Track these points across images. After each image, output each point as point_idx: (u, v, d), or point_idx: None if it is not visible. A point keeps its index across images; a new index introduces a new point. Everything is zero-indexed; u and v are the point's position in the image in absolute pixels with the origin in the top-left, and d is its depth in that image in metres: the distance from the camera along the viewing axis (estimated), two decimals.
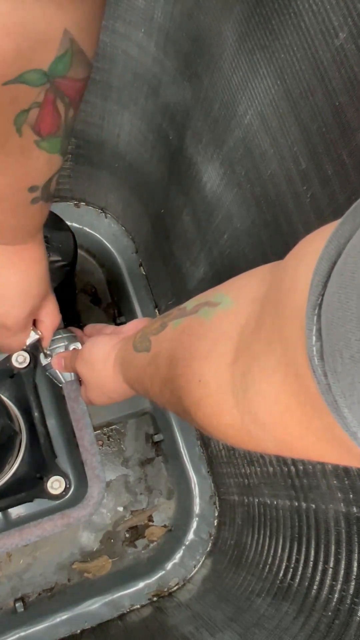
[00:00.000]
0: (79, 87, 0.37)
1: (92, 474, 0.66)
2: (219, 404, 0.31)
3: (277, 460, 0.69)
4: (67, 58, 0.34)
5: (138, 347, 0.47)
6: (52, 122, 0.37)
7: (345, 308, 0.18)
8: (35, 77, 0.33)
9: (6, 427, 0.64)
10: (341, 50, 0.35)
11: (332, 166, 0.40)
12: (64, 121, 0.38)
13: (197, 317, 0.36)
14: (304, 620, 0.59)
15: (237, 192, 0.57)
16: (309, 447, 0.25)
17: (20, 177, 0.41)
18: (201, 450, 0.92)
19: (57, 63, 0.33)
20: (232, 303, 0.33)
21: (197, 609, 0.78)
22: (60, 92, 0.36)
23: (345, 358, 0.18)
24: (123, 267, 0.98)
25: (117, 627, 0.82)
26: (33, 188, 0.43)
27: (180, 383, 0.35)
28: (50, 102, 0.36)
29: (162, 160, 0.73)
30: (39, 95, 0.35)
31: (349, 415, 0.19)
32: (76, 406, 0.68)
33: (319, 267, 0.21)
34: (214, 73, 0.52)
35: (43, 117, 0.36)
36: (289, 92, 0.42)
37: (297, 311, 0.22)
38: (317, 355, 0.20)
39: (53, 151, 0.40)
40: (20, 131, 0.36)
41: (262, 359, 0.26)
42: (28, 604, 0.85)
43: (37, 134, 0.38)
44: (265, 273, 0.32)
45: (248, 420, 0.28)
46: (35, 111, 0.36)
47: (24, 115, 0.35)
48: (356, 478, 0.53)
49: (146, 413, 0.93)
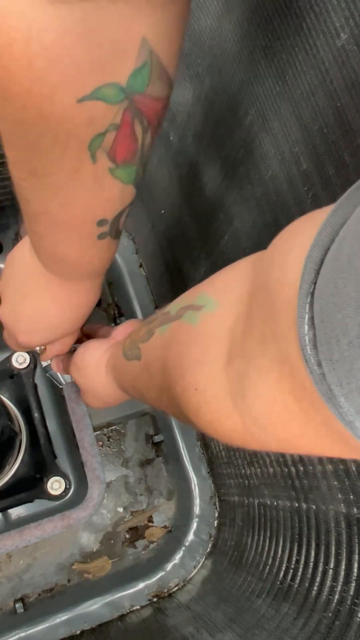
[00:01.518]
0: (158, 108, 0.32)
1: (92, 475, 0.66)
2: (219, 410, 0.30)
3: (277, 461, 0.69)
4: (146, 71, 0.30)
5: (128, 355, 0.46)
6: (129, 148, 0.33)
7: (342, 293, 0.18)
8: (113, 92, 0.29)
9: (6, 428, 0.64)
10: (343, 51, 0.35)
11: (334, 167, 0.40)
12: (141, 147, 0.34)
13: (183, 322, 0.35)
14: (304, 621, 0.59)
15: (237, 192, 0.57)
16: (311, 443, 0.25)
17: (90, 208, 0.37)
18: (201, 451, 0.92)
19: (136, 76, 0.29)
20: (216, 305, 0.32)
21: (197, 609, 0.78)
22: (139, 112, 0.31)
23: (343, 345, 0.18)
24: (123, 268, 0.98)
25: (117, 628, 0.82)
26: (102, 222, 0.39)
27: (176, 392, 0.34)
28: (128, 123, 0.31)
29: (162, 161, 0.73)
30: (116, 116, 0.30)
31: (346, 404, 0.18)
32: (76, 407, 0.68)
33: (312, 254, 0.20)
34: (215, 74, 0.52)
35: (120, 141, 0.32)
36: (290, 93, 0.42)
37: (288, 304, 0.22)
38: (310, 344, 0.19)
39: (127, 181, 0.36)
40: (94, 157, 0.32)
41: (256, 360, 0.26)
42: (28, 604, 0.85)
43: (112, 161, 0.33)
44: (247, 268, 0.31)
45: (249, 423, 0.28)
46: (112, 134, 0.31)
47: (100, 139, 0.31)
48: (357, 479, 0.53)
49: (146, 414, 0.93)
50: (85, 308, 0.53)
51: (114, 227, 0.40)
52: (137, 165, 0.35)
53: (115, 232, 0.41)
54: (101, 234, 0.40)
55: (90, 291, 0.50)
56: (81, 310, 0.53)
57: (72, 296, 0.50)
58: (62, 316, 0.52)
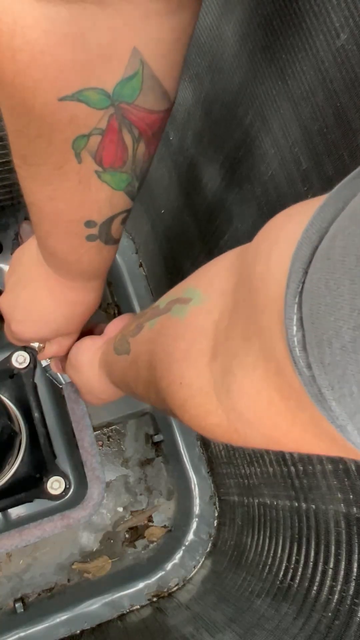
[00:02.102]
0: (152, 120, 0.33)
1: (92, 475, 0.66)
2: (203, 405, 0.30)
3: (277, 461, 0.69)
4: (136, 82, 0.30)
5: (118, 349, 0.46)
6: (116, 154, 0.34)
7: (335, 295, 0.17)
8: (97, 97, 0.30)
9: (6, 428, 0.64)
10: (342, 51, 0.35)
11: (333, 167, 0.40)
12: (132, 156, 0.34)
13: (171, 316, 0.35)
14: (304, 620, 0.59)
15: (237, 192, 0.57)
16: (297, 440, 0.25)
17: (76, 206, 0.38)
18: (201, 451, 0.92)
19: (124, 86, 0.30)
20: (203, 298, 0.32)
21: (197, 609, 0.78)
22: (127, 122, 0.32)
23: (335, 348, 0.17)
24: (123, 267, 0.98)
25: (116, 628, 0.82)
26: (90, 223, 0.39)
27: (162, 386, 0.34)
28: (114, 130, 0.32)
29: (162, 161, 0.73)
30: (101, 121, 0.31)
31: (337, 408, 0.18)
32: (76, 407, 0.68)
33: (299, 253, 0.19)
34: (215, 74, 0.52)
35: (105, 146, 0.33)
36: (290, 93, 0.42)
37: (273, 301, 0.21)
38: (299, 346, 0.19)
39: (117, 187, 0.36)
40: (79, 157, 0.33)
41: (240, 356, 0.25)
42: (28, 604, 0.85)
43: (99, 164, 0.34)
44: (232, 261, 0.31)
45: (234, 419, 0.28)
46: (96, 138, 0.32)
47: (84, 140, 0.32)
48: (356, 478, 0.53)
49: (146, 413, 0.93)
50: (80, 307, 0.52)
51: (104, 231, 0.41)
52: (129, 174, 0.36)
53: (106, 237, 0.42)
54: (90, 235, 0.41)
55: (85, 291, 0.50)
56: (76, 308, 0.52)
57: (66, 292, 0.50)
58: (56, 310, 0.52)
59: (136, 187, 0.38)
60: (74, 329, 0.58)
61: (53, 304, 0.52)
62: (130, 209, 0.41)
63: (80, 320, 0.56)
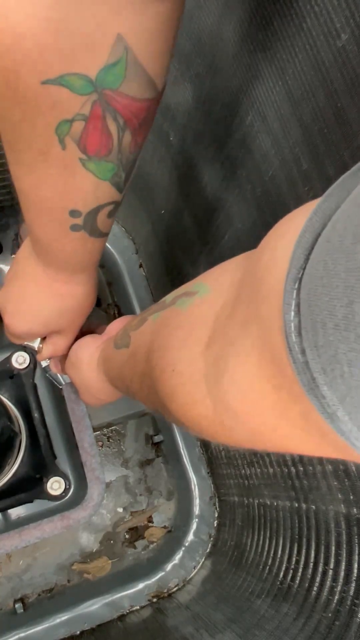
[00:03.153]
0: (138, 109, 0.33)
1: (92, 476, 0.66)
2: (192, 394, 0.29)
3: (277, 462, 0.69)
4: (120, 68, 0.30)
5: (118, 343, 0.46)
6: (101, 142, 0.34)
7: (332, 274, 0.17)
8: (79, 83, 0.30)
9: (6, 428, 0.64)
10: (343, 52, 0.35)
11: (334, 167, 0.40)
12: (118, 145, 0.34)
13: (175, 307, 0.35)
14: (304, 621, 0.59)
15: (238, 193, 0.57)
16: (285, 437, 0.24)
17: (61, 194, 0.38)
18: (201, 451, 0.92)
19: (107, 72, 0.30)
20: (209, 290, 0.32)
21: (197, 610, 0.78)
22: (111, 109, 0.32)
23: (329, 328, 0.17)
24: (123, 268, 0.98)
25: (116, 628, 0.82)
26: (75, 213, 0.39)
27: (155, 374, 0.34)
28: (97, 117, 0.32)
29: (162, 161, 0.73)
30: (84, 106, 0.31)
31: (328, 392, 0.18)
32: (76, 407, 0.68)
33: (302, 240, 0.19)
34: (215, 74, 0.52)
35: (89, 133, 0.33)
36: (291, 93, 0.42)
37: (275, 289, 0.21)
38: (295, 331, 0.19)
39: (102, 177, 0.36)
40: (63, 143, 0.33)
41: (236, 343, 0.25)
42: (28, 604, 0.85)
43: (83, 152, 0.34)
44: (242, 259, 0.31)
45: (221, 410, 0.27)
46: (79, 124, 0.32)
47: (67, 126, 0.32)
48: (356, 479, 0.53)
49: (146, 414, 0.93)
50: (69, 301, 0.52)
51: (89, 222, 0.41)
52: (115, 164, 0.36)
53: (92, 229, 0.42)
54: (74, 225, 0.41)
55: (72, 284, 0.50)
56: (64, 301, 0.52)
57: (52, 283, 0.50)
58: (44, 302, 0.52)
59: (123, 178, 0.38)
60: (66, 326, 0.57)
61: (41, 296, 0.52)
62: (119, 202, 0.41)
63: (72, 317, 0.55)
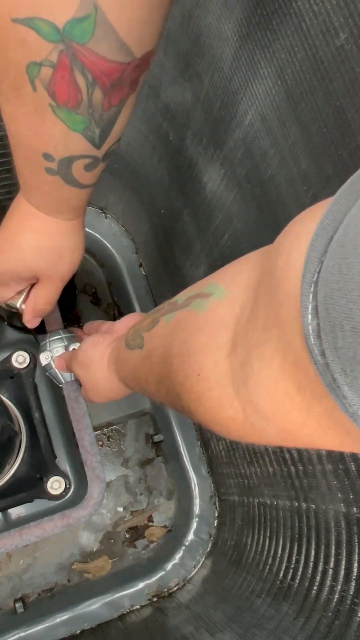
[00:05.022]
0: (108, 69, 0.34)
1: (92, 474, 0.66)
2: (220, 398, 0.30)
3: (277, 461, 0.69)
4: (88, 25, 0.31)
5: (131, 344, 0.46)
6: (69, 93, 0.35)
7: (347, 279, 0.17)
8: (46, 29, 0.31)
9: (6, 428, 0.64)
10: (342, 51, 0.35)
11: (333, 167, 0.40)
12: (87, 100, 0.36)
13: (190, 310, 0.35)
14: (304, 620, 0.59)
15: (237, 192, 0.57)
16: (312, 434, 0.25)
17: (33, 134, 0.40)
18: (201, 451, 0.92)
19: (74, 25, 0.31)
20: (225, 292, 0.32)
21: (197, 609, 0.78)
22: (79, 63, 0.33)
23: (347, 331, 0.17)
24: (123, 267, 0.98)
25: (117, 628, 0.82)
26: (47, 156, 0.41)
27: (178, 379, 0.34)
28: (65, 67, 0.33)
29: (162, 160, 0.73)
30: (51, 53, 0.33)
31: (349, 392, 0.18)
32: (76, 406, 0.68)
33: (315, 244, 0.20)
34: (215, 73, 0.52)
35: (57, 81, 0.34)
36: (290, 93, 0.42)
37: (292, 292, 0.22)
38: (314, 333, 0.19)
39: (73, 128, 0.38)
40: (33, 85, 0.35)
41: (259, 347, 0.26)
42: (28, 604, 0.85)
43: (52, 98, 0.36)
44: (255, 259, 0.31)
45: (250, 412, 0.28)
46: (47, 70, 0.34)
47: (36, 68, 0.34)
48: (356, 478, 0.53)
49: (146, 413, 0.93)
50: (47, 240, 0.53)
51: (63, 169, 0.42)
52: (86, 117, 0.37)
53: (66, 177, 0.43)
54: (48, 168, 0.42)
55: (51, 222, 0.51)
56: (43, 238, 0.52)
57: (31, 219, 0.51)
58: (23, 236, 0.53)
59: (97, 134, 0.39)
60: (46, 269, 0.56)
61: (19, 230, 0.53)
62: (97, 157, 0.42)
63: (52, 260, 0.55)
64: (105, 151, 0.42)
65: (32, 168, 0.44)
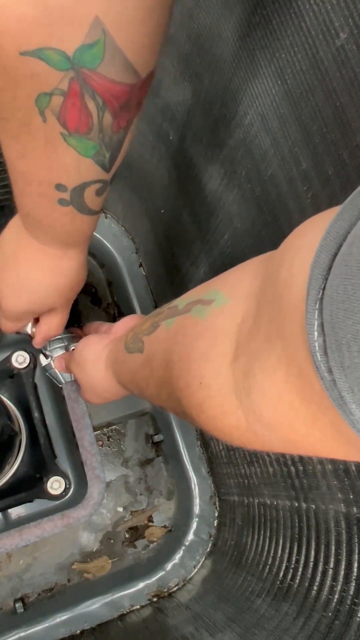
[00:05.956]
0: (117, 91, 0.34)
1: (92, 474, 0.66)
2: (222, 406, 0.30)
3: (277, 461, 0.69)
4: (98, 50, 0.31)
5: (130, 348, 0.46)
6: (80, 119, 0.35)
7: (353, 299, 0.18)
8: (57, 58, 0.31)
9: (6, 428, 0.64)
10: (342, 51, 0.35)
11: (333, 166, 0.40)
12: (98, 124, 0.35)
13: (191, 316, 0.35)
14: (304, 620, 0.59)
15: (237, 192, 0.57)
16: (316, 444, 0.25)
17: (45, 167, 0.39)
18: (201, 451, 0.92)
19: (84, 51, 0.31)
20: (226, 300, 0.32)
21: (197, 609, 0.78)
22: (89, 88, 0.33)
23: (354, 351, 0.18)
24: (123, 267, 0.98)
25: (117, 628, 0.82)
26: (60, 187, 0.40)
27: (179, 386, 0.34)
28: (76, 94, 0.33)
29: (162, 160, 0.73)
30: (62, 82, 0.32)
31: (357, 411, 0.18)
32: (76, 406, 0.68)
33: (319, 260, 0.20)
34: (215, 73, 0.52)
35: (68, 109, 0.34)
36: (290, 93, 0.42)
37: (296, 307, 0.22)
38: (320, 350, 0.19)
39: (85, 154, 0.38)
40: (43, 115, 0.34)
41: (262, 358, 0.26)
42: (28, 604, 0.85)
43: (64, 127, 0.35)
44: (257, 267, 0.31)
45: (253, 421, 0.28)
46: (58, 99, 0.33)
47: (46, 99, 0.33)
48: (356, 478, 0.53)
49: (146, 413, 0.93)
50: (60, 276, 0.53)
51: (76, 198, 0.42)
52: (96, 142, 0.37)
53: (79, 206, 0.43)
54: (61, 199, 0.42)
55: (63, 259, 0.51)
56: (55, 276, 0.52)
57: (42, 257, 0.50)
58: (41, 279, 0.53)
59: (107, 158, 0.39)
60: (60, 302, 0.57)
61: (36, 273, 0.52)
62: (106, 181, 0.42)
63: (66, 293, 0.56)
64: (112, 173, 0.42)
65: (44, 204, 0.43)
